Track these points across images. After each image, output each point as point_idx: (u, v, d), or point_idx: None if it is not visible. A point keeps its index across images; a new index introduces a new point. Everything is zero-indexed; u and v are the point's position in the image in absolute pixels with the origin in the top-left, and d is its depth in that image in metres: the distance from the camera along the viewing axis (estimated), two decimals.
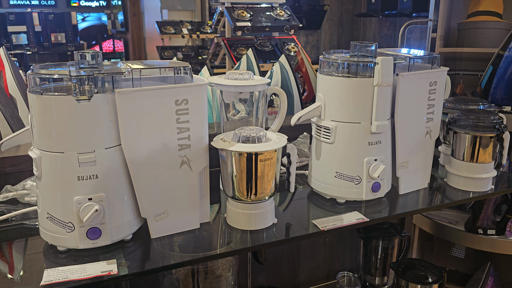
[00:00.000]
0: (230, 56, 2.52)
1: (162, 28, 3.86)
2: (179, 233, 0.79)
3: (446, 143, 1.14)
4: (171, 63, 0.80)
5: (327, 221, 0.84)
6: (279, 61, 1.28)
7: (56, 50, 4.80)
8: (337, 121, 0.89)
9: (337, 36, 3.97)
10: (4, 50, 1.20)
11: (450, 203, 1.02)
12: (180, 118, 0.73)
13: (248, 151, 0.75)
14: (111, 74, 0.68)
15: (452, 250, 1.51)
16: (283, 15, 2.50)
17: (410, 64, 0.93)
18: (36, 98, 0.66)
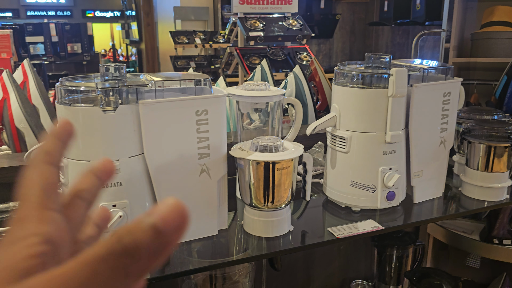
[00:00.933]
0: (242, 66, 2.55)
1: (176, 37, 3.92)
2: (198, 239, 0.82)
3: (461, 152, 1.15)
4: (191, 75, 0.83)
5: (343, 229, 0.86)
6: (294, 72, 1.31)
7: (72, 60, 4.90)
8: (352, 131, 0.91)
9: (349, 45, 3.99)
10: (28, 61, 1.25)
11: (465, 212, 1.03)
12: (200, 128, 0.76)
13: (265, 160, 0.77)
14: (135, 86, 0.71)
15: (467, 260, 1.50)
16: (296, 24, 2.53)
17: (424, 75, 0.95)
18: (64, 109, 0.69)
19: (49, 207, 0.23)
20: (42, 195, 0.24)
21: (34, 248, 0.22)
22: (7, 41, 2.24)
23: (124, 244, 0.18)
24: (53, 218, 0.23)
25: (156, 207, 0.19)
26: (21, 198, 0.24)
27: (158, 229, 0.19)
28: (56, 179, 0.25)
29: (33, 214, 0.23)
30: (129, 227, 0.19)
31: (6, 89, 1.09)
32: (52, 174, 0.25)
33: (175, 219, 0.19)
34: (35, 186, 0.24)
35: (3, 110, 1.07)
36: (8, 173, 0.97)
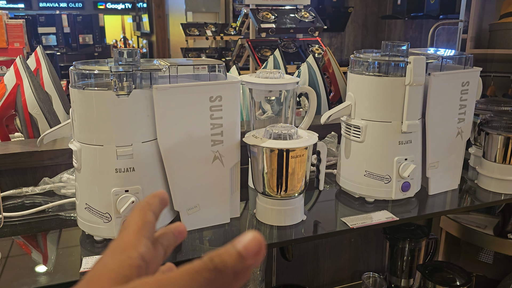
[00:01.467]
0: (254, 58, 2.54)
1: (187, 29, 3.91)
2: (210, 227, 0.81)
3: (477, 144, 1.13)
4: (205, 60, 0.82)
5: (356, 219, 0.85)
6: (307, 61, 1.29)
7: (83, 51, 4.92)
8: (367, 120, 0.89)
9: (361, 38, 3.95)
10: (41, 48, 1.25)
11: (480, 204, 1.01)
12: (213, 115, 0.75)
13: (279, 148, 0.76)
14: (149, 71, 0.70)
15: (480, 255, 1.48)
16: (308, 16, 2.51)
17: (442, 64, 0.93)
18: (78, 93, 0.69)
19: (145, 235, 0.30)
20: (142, 226, 0.30)
21: (133, 260, 0.27)
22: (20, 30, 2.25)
23: (215, 262, 0.24)
24: (147, 244, 0.30)
25: (240, 238, 0.25)
26: (125, 225, 0.31)
27: (241, 255, 0.25)
28: (153, 221, 0.32)
29: (134, 236, 0.29)
30: (220, 252, 0.25)
31: (20, 75, 1.09)
32: (150, 217, 0.31)
33: (255, 248, 0.25)
34: (138, 220, 0.31)
35: (16, 96, 1.07)
36: (21, 158, 0.97)
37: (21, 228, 0.82)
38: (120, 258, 0.27)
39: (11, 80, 1.08)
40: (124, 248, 0.28)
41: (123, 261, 0.27)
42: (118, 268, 0.26)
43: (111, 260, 0.27)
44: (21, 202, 0.91)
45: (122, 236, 0.30)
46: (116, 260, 0.27)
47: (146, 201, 0.33)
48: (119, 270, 0.26)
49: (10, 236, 0.79)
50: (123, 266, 0.27)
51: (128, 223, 0.31)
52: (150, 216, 0.32)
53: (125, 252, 0.28)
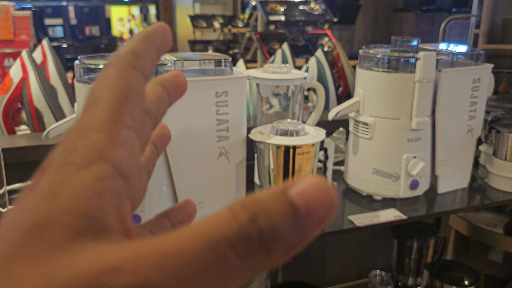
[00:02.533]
0: (262, 51, 2.52)
1: (194, 22, 3.89)
2: None
3: (488, 142, 1.11)
4: (211, 55, 0.81)
5: (363, 217, 0.83)
6: (316, 56, 1.27)
7: (90, 43, 4.92)
8: (376, 117, 0.87)
9: (371, 32, 3.90)
10: (47, 41, 1.24)
11: (490, 203, 0.99)
12: (219, 110, 0.74)
13: (286, 144, 0.75)
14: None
15: (489, 254, 1.46)
16: (318, 9, 2.48)
17: (452, 60, 0.91)
18: (83, 87, 0.68)
19: (125, 123, 0.17)
20: (120, 105, 0.17)
21: (103, 182, 0.15)
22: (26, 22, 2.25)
23: (260, 228, 0.13)
24: (128, 139, 0.17)
25: (299, 183, 0.14)
26: (89, 102, 0.17)
27: (300, 214, 0.14)
28: (141, 89, 0.18)
29: (104, 127, 0.16)
30: (266, 203, 0.14)
31: (26, 68, 1.09)
32: (137, 82, 0.18)
33: (321, 206, 0.14)
34: (112, 91, 0.17)
35: (22, 89, 1.07)
36: (26, 152, 0.97)
37: None
38: (80, 182, 0.15)
39: (17, 74, 1.08)
40: (89, 159, 0.16)
41: (86, 187, 0.15)
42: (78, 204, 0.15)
43: (63, 186, 0.15)
44: None
45: (84, 127, 0.17)
46: (72, 186, 0.15)
47: (129, 50, 0.19)
48: (80, 208, 0.14)
49: None
50: (86, 198, 0.15)
51: (96, 98, 0.17)
52: (136, 82, 0.18)
53: (90, 168, 0.15)
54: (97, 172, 0.15)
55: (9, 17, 2.09)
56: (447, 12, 2.86)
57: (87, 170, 0.15)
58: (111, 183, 0.15)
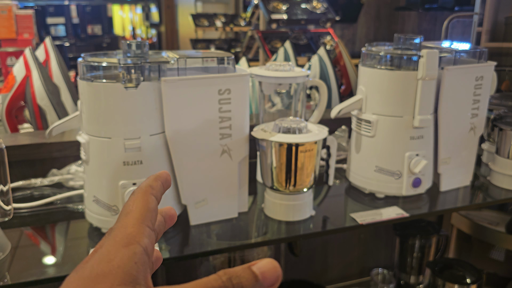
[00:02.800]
0: (264, 49, 2.51)
1: (196, 20, 3.89)
2: (217, 221, 0.80)
3: (490, 140, 1.11)
4: (214, 53, 0.81)
5: (366, 215, 0.83)
6: (318, 54, 1.27)
7: (92, 42, 4.92)
8: (378, 115, 0.87)
9: (373, 30, 3.89)
10: (50, 40, 1.25)
11: (493, 201, 0.99)
12: (222, 108, 0.74)
13: (288, 142, 0.75)
14: (157, 63, 0.69)
15: (491, 252, 1.46)
16: (320, 7, 2.47)
17: (455, 58, 0.90)
18: (86, 85, 0.68)
19: (147, 224, 0.29)
20: (144, 214, 0.29)
21: (138, 256, 0.26)
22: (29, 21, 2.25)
23: (233, 283, 0.24)
24: (150, 234, 0.28)
25: (259, 262, 0.25)
26: (125, 211, 0.29)
27: (258, 280, 0.25)
28: (155, 208, 0.30)
29: (136, 226, 0.28)
30: (238, 272, 0.25)
31: (29, 67, 1.09)
32: (153, 204, 0.30)
33: (272, 278, 0.25)
34: (140, 206, 0.29)
35: (25, 87, 1.07)
36: (30, 150, 0.97)
37: (30, 219, 0.82)
38: (125, 254, 0.26)
39: (20, 72, 1.08)
40: (128, 242, 0.26)
41: (129, 258, 0.25)
42: (125, 266, 0.25)
43: (115, 255, 0.25)
44: (30, 194, 0.91)
45: (124, 225, 0.28)
46: (121, 255, 0.25)
47: (148, 184, 0.31)
48: (126, 268, 0.25)
49: (19, 227, 0.79)
50: (129, 264, 0.25)
51: (130, 209, 0.29)
52: (153, 202, 0.30)
53: (130, 247, 0.26)
54: (134, 249, 0.26)
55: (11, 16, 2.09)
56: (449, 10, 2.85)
57: (128, 248, 0.26)
58: (141, 257, 0.26)
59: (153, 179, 0.32)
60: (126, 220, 0.28)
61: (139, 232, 0.27)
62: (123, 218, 0.28)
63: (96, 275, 0.24)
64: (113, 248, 0.26)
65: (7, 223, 0.71)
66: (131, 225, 0.27)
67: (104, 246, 0.26)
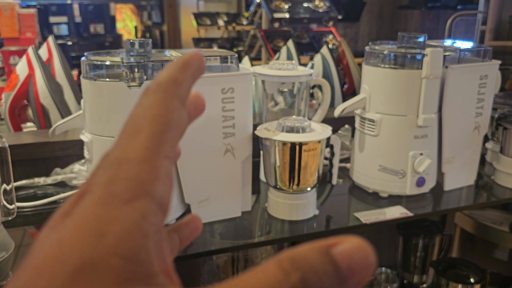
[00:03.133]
0: (266, 48, 2.51)
1: (198, 19, 3.89)
2: (220, 220, 0.80)
3: (494, 139, 1.10)
4: (217, 51, 0.81)
5: (369, 214, 0.83)
6: (321, 53, 1.27)
7: (95, 41, 4.93)
8: (382, 114, 0.87)
9: (376, 29, 3.88)
10: (53, 38, 1.25)
11: (497, 201, 0.99)
12: (225, 107, 0.74)
13: (292, 141, 0.75)
14: (161, 62, 0.69)
15: (495, 252, 1.46)
16: (322, 6, 2.47)
17: (459, 56, 0.90)
18: (89, 84, 0.68)
19: (165, 153, 0.17)
20: (161, 135, 0.17)
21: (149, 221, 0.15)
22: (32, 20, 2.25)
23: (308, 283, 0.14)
24: (167, 171, 0.17)
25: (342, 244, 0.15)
26: (130, 129, 0.17)
27: (345, 279, 0.15)
28: (180, 118, 0.19)
29: (147, 157, 0.16)
30: (314, 264, 0.15)
31: (32, 65, 1.09)
32: (178, 111, 0.18)
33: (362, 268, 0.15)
34: (155, 120, 0.17)
35: (28, 86, 1.07)
36: (32, 149, 0.97)
37: (33, 218, 0.82)
38: (128, 219, 0.15)
39: (23, 71, 1.08)
40: (134, 193, 0.15)
41: (135, 226, 0.15)
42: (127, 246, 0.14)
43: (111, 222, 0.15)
44: (33, 193, 0.91)
45: (127, 156, 0.16)
46: (121, 223, 0.15)
47: (170, 77, 0.19)
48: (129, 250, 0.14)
49: (23, 226, 0.79)
50: (134, 239, 0.14)
51: (139, 125, 0.17)
52: (176, 111, 0.18)
53: (136, 204, 0.15)
54: (141, 208, 0.15)
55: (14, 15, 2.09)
56: (452, 9, 2.84)
57: (132, 206, 0.15)
58: (154, 219, 0.16)
59: (179, 67, 0.19)
60: (131, 148, 0.17)
61: (152, 172, 0.16)
62: (126, 143, 0.17)
63: (74, 268, 0.13)
64: (107, 206, 0.15)
65: (10, 222, 0.71)
66: (139, 159, 0.16)
67: (88, 199, 0.15)
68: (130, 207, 0.15)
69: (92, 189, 0.16)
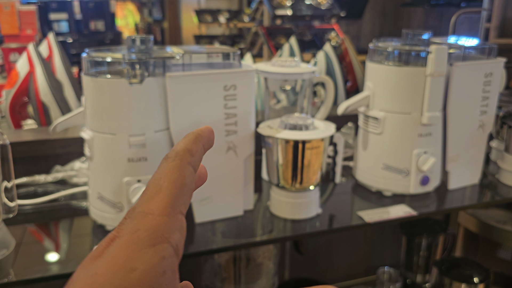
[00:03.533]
0: (268, 45, 2.50)
1: (200, 16, 3.87)
2: (222, 219, 0.80)
3: (499, 138, 1.09)
4: (219, 49, 0.80)
5: (373, 213, 0.82)
6: (324, 50, 1.26)
7: (95, 38, 4.91)
8: (386, 111, 0.86)
9: (379, 27, 3.86)
10: (53, 35, 1.24)
11: (501, 200, 0.98)
12: (228, 104, 0.73)
13: (295, 139, 0.74)
14: (162, 59, 0.68)
15: (499, 251, 1.45)
16: (325, 3, 2.45)
17: (464, 54, 0.89)
18: (90, 81, 0.67)
19: (180, 210, 0.21)
20: (178, 195, 0.21)
21: (167, 261, 0.19)
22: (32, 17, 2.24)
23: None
24: (181, 224, 0.21)
25: None
26: (153, 188, 0.21)
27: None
28: (193, 183, 0.23)
29: (166, 212, 0.20)
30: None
31: (33, 63, 1.08)
32: (191, 177, 0.23)
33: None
34: (172, 181, 0.22)
35: (29, 83, 1.06)
36: (33, 146, 0.97)
37: (33, 216, 0.82)
38: (151, 259, 0.19)
39: (24, 68, 1.07)
40: (156, 239, 0.19)
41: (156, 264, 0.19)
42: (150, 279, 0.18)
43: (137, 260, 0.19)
44: (33, 190, 0.91)
45: (150, 210, 0.20)
46: (145, 261, 0.19)
47: (185, 148, 0.23)
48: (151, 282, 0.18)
49: (23, 224, 0.79)
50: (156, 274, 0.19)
51: (160, 186, 0.21)
52: (190, 176, 0.22)
53: (157, 247, 0.19)
54: (161, 251, 0.19)
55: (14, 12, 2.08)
56: (456, 6, 2.82)
57: (154, 249, 0.19)
58: (171, 261, 0.20)
59: (192, 140, 0.24)
60: (154, 203, 0.20)
61: (170, 224, 0.20)
62: (149, 199, 0.21)
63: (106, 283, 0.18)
64: (134, 248, 0.19)
65: (11, 219, 0.70)
66: (160, 212, 0.20)
67: (118, 242, 0.19)
68: (152, 250, 0.19)
69: (120, 235, 0.20)
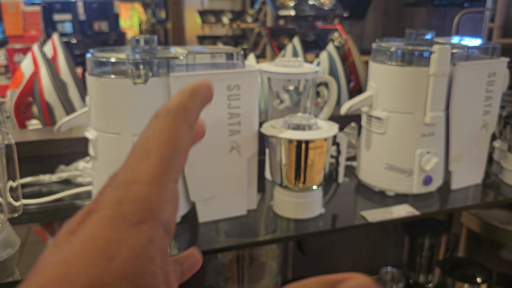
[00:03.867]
0: (271, 46, 2.50)
1: (203, 17, 3.88)
2: (226, 218, 0.80)
3: (502, 138, 1.09)
4: (222, 49, 0.80)
5: (376, 213, 0.82)
6: (327, 50, 1.26)
7: (99, 39, 4.92)
8: (389, 111, 0.86)
9: (382, 27, 3.86)
10: (58, 36, 1.24)
11: (504, 200, 0.98)
12: (231, 104, 0.73)
13: (298, 139, 0.74)
14: (166, 59, 0.69)
15: (501, 252, 1.45)
16: (328, 4, 2.45)
17: (467, 54, 0.89)
18: (95, 81, 0.68)
19: (172, 177, 0.18)
20: (170, 159, 0.18)
21: (156, 244, 0.16)
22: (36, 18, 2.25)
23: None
24: (174, 195, 0.18)
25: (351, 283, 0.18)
26: (140, 151, 0.18)
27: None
28: (188, 144, 0.20)
29: (155, 180, 0.17)
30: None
31: (37, 63, 1.09)
32: (186, 137, 0.20)
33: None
34: (164, 145, 0.18)
35: (33, 84, 1.07)
36: (38, 146, 0.97)
37: (38, 216, 0.82)
38: (136, 242, 0.15)
39: (29, 68, 1.08)
40: (142, 216, 0.16)
41: (142, 249, 0.15)
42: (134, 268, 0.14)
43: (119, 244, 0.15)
44: (38, 190, 0.91)
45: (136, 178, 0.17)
46: (129, 245, 0.15)
47: (180, 104, 0.20)
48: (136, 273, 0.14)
49: (28, 223, 0.79)
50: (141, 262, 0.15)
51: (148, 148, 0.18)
52: (185, 137, 0.20)
53: (143, 226, 0.15)
54: (149, 232, 0.16)
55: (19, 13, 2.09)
56: (458, 6, 2.82)
57: (140, 229, 0.16)
58: (161, 243, 0.16)
59: (188, 94, 0.21)
60: (140, 170, 0.17)
61: (160, 195, 0.17)
62: (135, 164, 0.17)
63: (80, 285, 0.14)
64: (115, 227, 0.15)
65: (15, 219, 0.71)
66: (148, 181, 0.17)
67: (97, 217, 0.16)
68: (138, 230, 0.16)
69: (100, 208, 0.16)
